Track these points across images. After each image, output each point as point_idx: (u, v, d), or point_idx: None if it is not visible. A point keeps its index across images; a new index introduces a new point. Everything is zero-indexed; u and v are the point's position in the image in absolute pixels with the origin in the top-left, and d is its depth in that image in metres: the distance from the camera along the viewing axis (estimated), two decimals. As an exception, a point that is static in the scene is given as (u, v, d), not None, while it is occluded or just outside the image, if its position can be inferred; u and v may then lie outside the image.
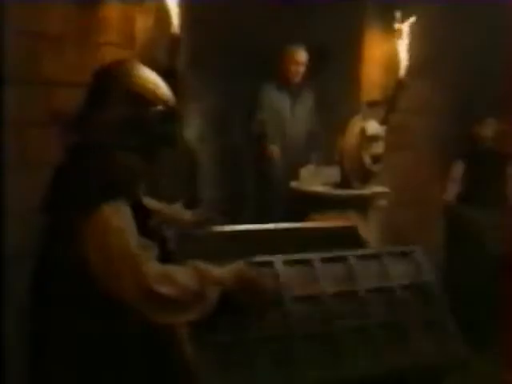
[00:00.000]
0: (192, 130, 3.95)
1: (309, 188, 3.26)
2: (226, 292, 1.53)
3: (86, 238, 1.42)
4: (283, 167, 3.90)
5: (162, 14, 2.50)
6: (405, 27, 3.18)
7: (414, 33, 3.20)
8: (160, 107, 1.62)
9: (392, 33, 3.30)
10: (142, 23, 3.02)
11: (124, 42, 2.95)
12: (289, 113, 4.01)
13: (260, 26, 4.01)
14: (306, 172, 3.40)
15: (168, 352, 1.60)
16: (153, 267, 1.44)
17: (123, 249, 1.42)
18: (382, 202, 3.21)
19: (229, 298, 1.54)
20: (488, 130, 4.18)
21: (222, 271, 1.56)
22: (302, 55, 3.95)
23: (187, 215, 2.11)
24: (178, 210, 2.13)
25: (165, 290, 1.42)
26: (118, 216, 1.44)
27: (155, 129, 1.62)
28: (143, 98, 1.58)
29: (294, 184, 3.38)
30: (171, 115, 1.66)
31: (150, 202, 1.87)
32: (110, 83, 1.57)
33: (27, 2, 2.46)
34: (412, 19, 3.18)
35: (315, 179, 3.31)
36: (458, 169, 4.18)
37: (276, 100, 3.98)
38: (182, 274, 1.48)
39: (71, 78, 2.59)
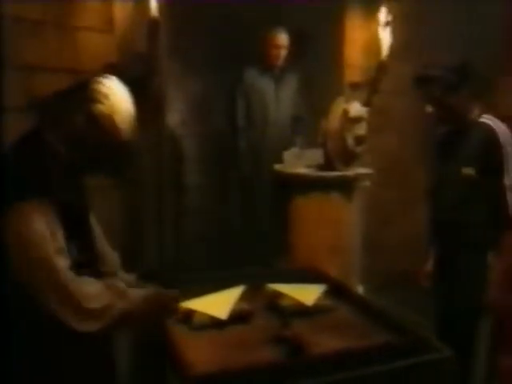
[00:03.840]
0: (174, 115, 3.93)
1: (292, 170, 3.26)
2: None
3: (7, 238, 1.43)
4: (266, 151, 3.91)
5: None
6: (386, 14, 3.17)
7: (398, 16, 3.19)
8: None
9: (374, 15, 3.29)
10: (122, 7, 2.99)
11: (103, 27, 2.91)
12: (273, 96, 4.00)
13: (243, 11, 3.98)
14: (289, 155, 3.40)
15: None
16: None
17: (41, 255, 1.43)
18: (366, 184, 3.22)
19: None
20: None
21: (133, 292, 1.61)
22: (282, 38, 3.93)
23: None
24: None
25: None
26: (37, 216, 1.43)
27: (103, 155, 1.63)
28: (103, 129, 1.58)
29: (277, 167, 3.38)
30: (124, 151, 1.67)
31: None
32: (82, 99, 1.57)
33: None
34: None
35: (299, 162, 3.31)
36: None
37: (259, 84, 3.97)
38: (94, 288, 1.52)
39: (50, 62, 2.56)
